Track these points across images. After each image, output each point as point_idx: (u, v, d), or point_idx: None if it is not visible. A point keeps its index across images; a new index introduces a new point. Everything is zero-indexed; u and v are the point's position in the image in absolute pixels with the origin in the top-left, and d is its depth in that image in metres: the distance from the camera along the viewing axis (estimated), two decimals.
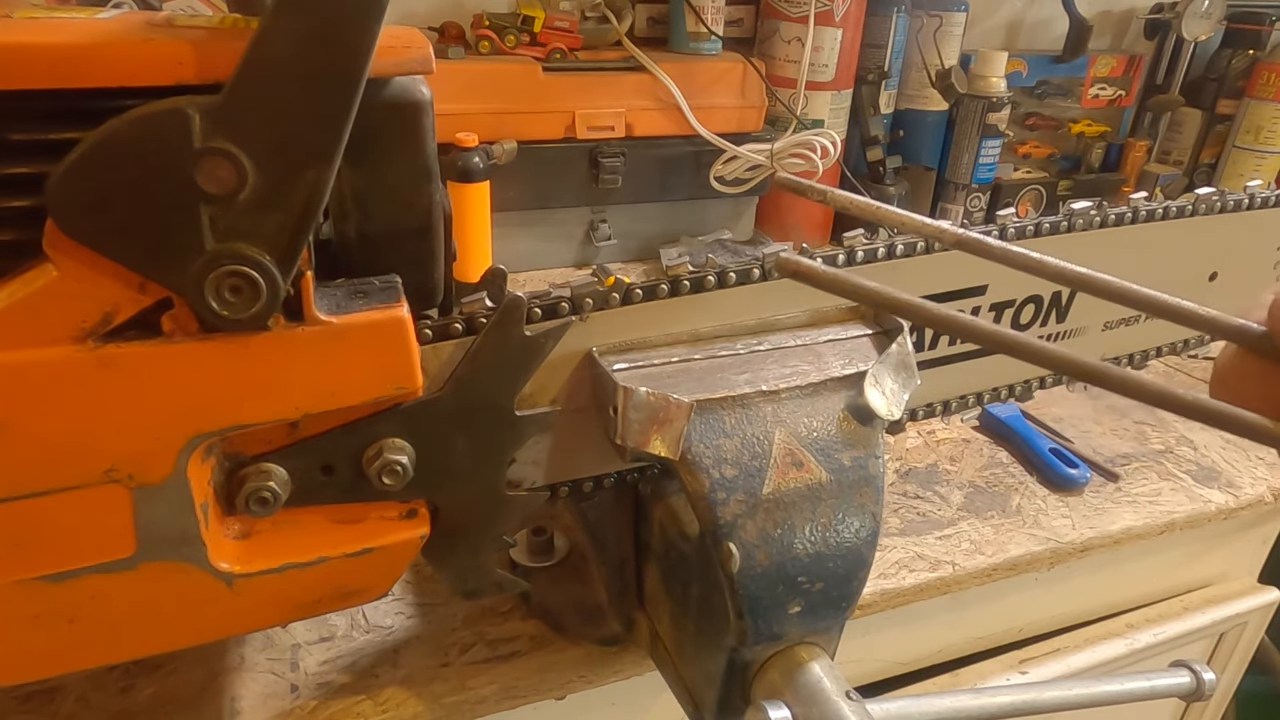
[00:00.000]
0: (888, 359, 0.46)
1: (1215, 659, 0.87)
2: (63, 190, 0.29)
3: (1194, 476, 0.74)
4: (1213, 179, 1.38)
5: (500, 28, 0.94)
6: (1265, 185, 0.62)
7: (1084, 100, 1.35)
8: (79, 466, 0.33)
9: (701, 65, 1.02)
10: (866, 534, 0.43)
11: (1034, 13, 1.36)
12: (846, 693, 0.41)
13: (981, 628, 0.72)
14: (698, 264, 0.46)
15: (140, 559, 0.36)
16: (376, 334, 0.36)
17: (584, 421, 0.46)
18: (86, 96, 0.30)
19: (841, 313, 0.50)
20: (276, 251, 0.32)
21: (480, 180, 0.81)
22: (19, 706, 0.47)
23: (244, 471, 0.38)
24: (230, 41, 0.31)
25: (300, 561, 0.39)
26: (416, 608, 0.55)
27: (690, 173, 1.04)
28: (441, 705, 0.49)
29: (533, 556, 0.58)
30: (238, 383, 0.34)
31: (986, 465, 0.73)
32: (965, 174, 1.17)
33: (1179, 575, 0.80)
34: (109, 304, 0.32)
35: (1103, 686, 0.52)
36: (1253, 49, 1.30)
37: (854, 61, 1.10)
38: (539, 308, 0.42)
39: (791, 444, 0.43)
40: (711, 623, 0.44)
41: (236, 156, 0.30)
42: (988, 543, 0.64)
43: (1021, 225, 0.54)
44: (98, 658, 0.39)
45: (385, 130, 0.37)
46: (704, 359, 0.45)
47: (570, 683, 0.53)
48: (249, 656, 0.51)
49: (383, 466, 0.39)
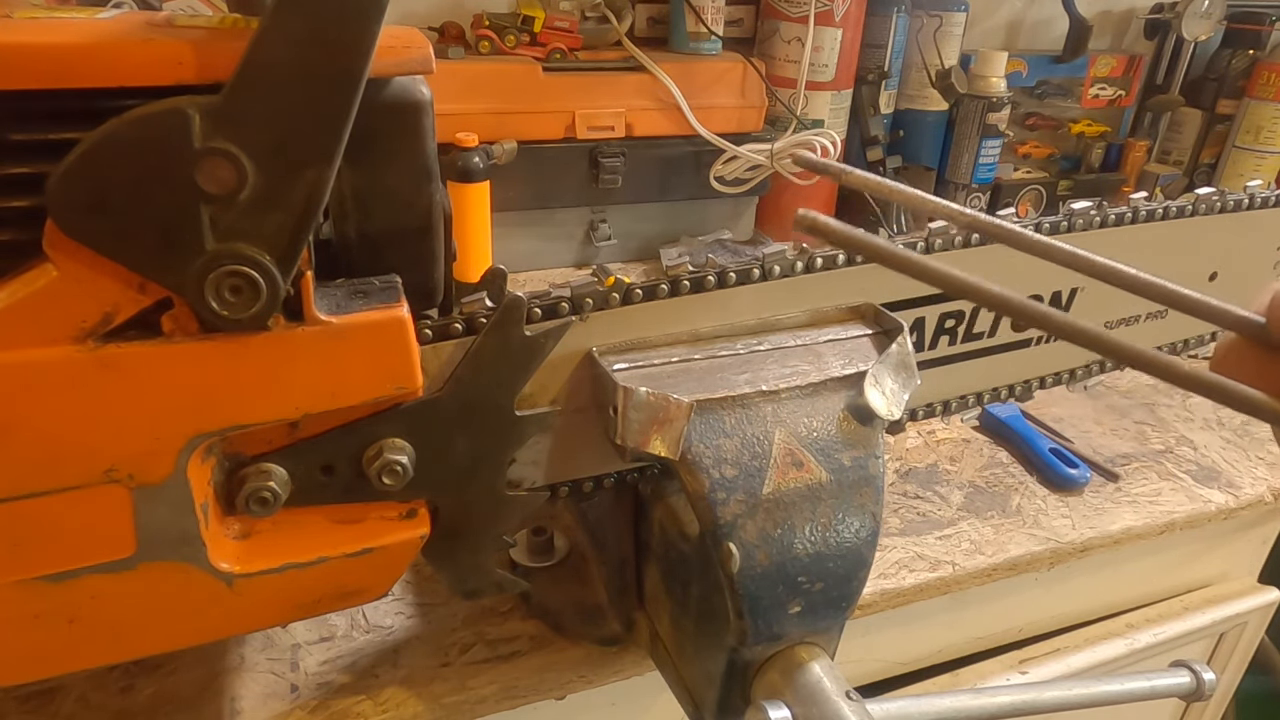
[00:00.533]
0: (888, 359, 0.46)
1: (1215, 659, 0.87)
2: (63, 190, 0.29)
3: (1194, 476, 0.74)
4: (1213, 179, 1.37)
5: (500, 28, 0.94)
6: (1265, 185, 0.62)
7: (1084, 100, 1.35)
8: (79, 466, 0.33)
9: (701, 65, 1.02)
10: (866, 534, 0.43)
11: (1034, 13, 1.36)
12: (846, 693, 0.41)
13: (981, 628, 0.72)
14: (698, 264, 0.46)
15: (140, 559, 0.36)
16: (376, 334, 0.36)
17: (584, 421, 0.46)
18: (86, 96, 0.30)
19: (841, 313, 0.50)
20: (276, 251, 0.32)
21: (480, 180, 0.81)
22: (19, 706, 0.47)
23: (244, 471, 0.38)
24: (230, 41, 0.31)
25: (300, 561, 0.39)
26: (416, 608, 0.55)
27: (690, 173, 1.04)
28: (441, 705, 0.49)
29: (533, 556, 0.58)
30: (238, 383, 0.34)
31: (986, 465, 0.73)
32: (965, 174, 1.17)
33: (1179, 575, 0.80)
34: (109, 304, 0.32)
35: (1103, 686, 0.52)
36: (1253, 49, 1.30)
37: (854, 61, 1.10)
38: (539, 308, 0.42)
39: (791, 444, 0.43)
40: (711, 623, 0.44)
41: (236, 156, 0.30)
42: (988, 543, 0.64)
43: (1021, 225, 0.54)
44: (98, 658, 0.39)
45: (385, 130, 0.37)
46: (704, 359, 0.45)
47: (570, 683, 0.53)
48: (249, 656, 0.51)
49: (383, 466, 0.39)
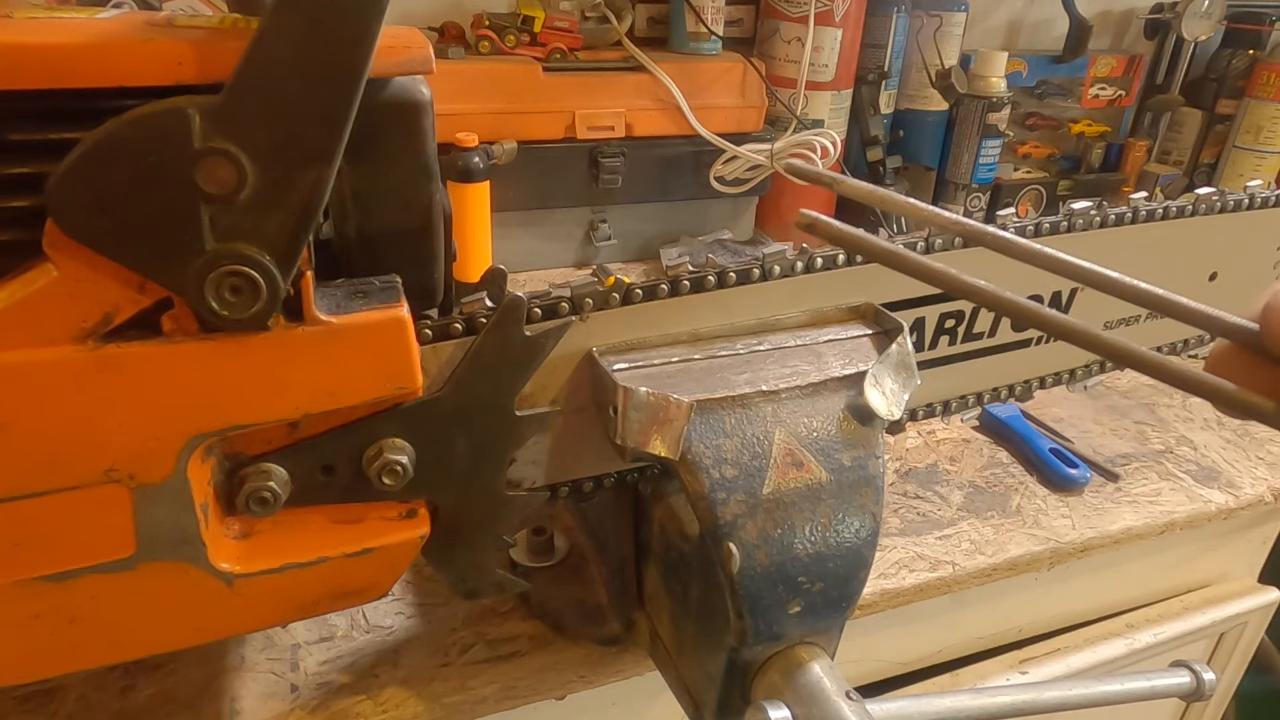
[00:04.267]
0: (888, 359, 0.46)
1: (1215, 659, 0.87)
2: (63, 190, 0.29)
3: (1194, 476, 0.74)
4: (1213, 179, 1.37)
5: (500, 28, 0.94)
6: (1265, 185, 0.62)
7: (1084, 100, 1.35)
8: (79, 466, 0.33)
9: (701, 65, 1.02)
10: (866, 534, 0.43)
11: (1034, 13, 1.36)
12: (846, 693, 0.41)
13: (981, 628, 0.72)
14: (698, 264, 0.46)
15: (140, 559, 0.36)
16: (376, 334, 0.36)
17: (584, 421, 0.46)
18: (86, 96, 0.30)
19: (841, 313, 0.50)
20: (276, 251, 0.32)
21: (480, 180, 0.81)
22: (19, 706, 0.47)
23: (244, 471, 0.38)
24: (230, 41, 0.31)
25: (300, 561, 0.39)
26: (416, 608, 0.55)
27: (690, 173, 1.04)
28: (441, 705, 0.49)
29: (533, 556, 0.58)
30: (238, 383, 0.34)
31: (986, 465, 0.73)
32: (965, 174, 1.17)
33: (1179, 575, 0.80)
34: (109, 304, 0.32)
35: (1103, 686, 0.52)
36: (1253, 49, 1.30)
37: (854, 61, 1.10)
38: (539, 308, 0.42)
39: (791, 444, 0.43)
40: (711, 623, 0.44)
41: (236, 156, 0.30)
42: (988, 543, 0.64)
43: (1021, 225, 0.54)
44: (98, 658, 0.39)
45: (385, 130, 0.37)
46: (704, 359, 0.45)
47: (570, 683, 0.53)
48: (249, 656, 0.51)
49: (383, 466, 0.39)
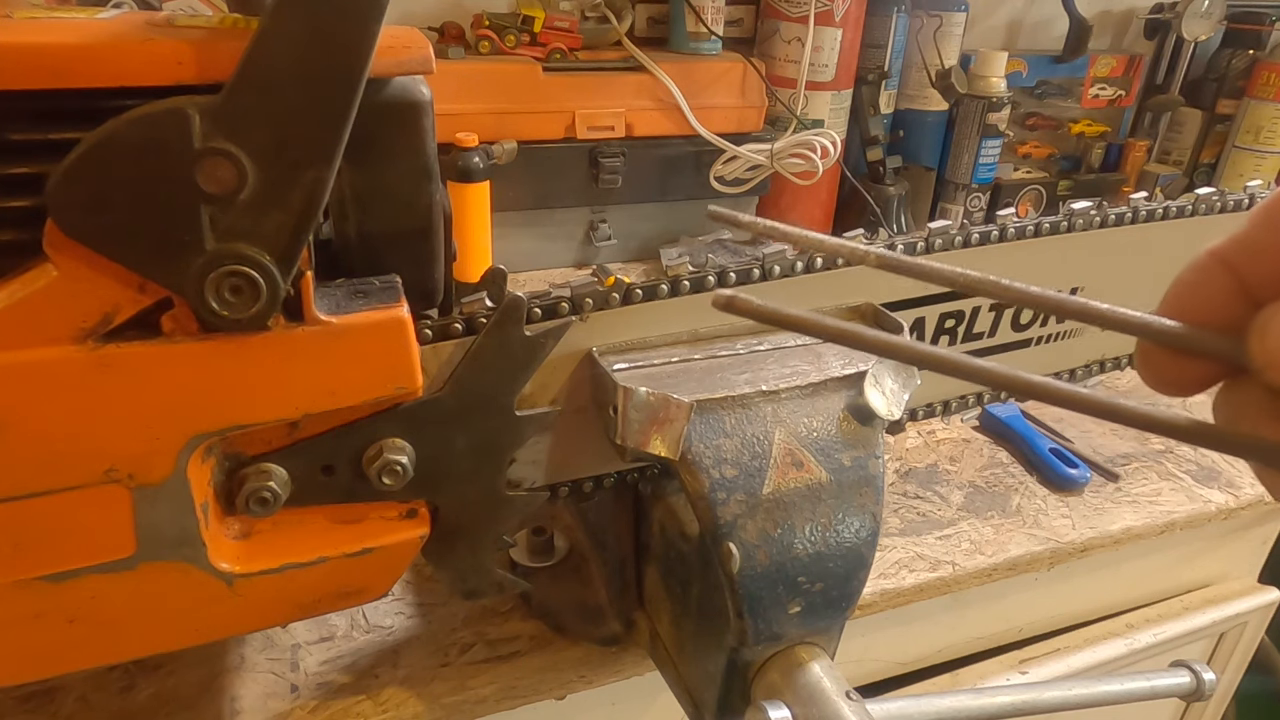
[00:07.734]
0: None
1: (1215, 659, 0.87)
2: (63, 190, 0.29)
3: (1194, 476, 0.74)
4: (1213, 179, 1.37)
5: (500, 28, 0.94)
6: (1265, 185, 0.62)
7: (1084, 100, 1.35)
8: (79, 466, 0.33)
9: (701, 65, 1.01)
10: (866, 534, 0.43)
11: (1034, 13, 1.36)
12: (846, 693, 0.41)
13: (981, 628, 0.72)
14: (698, 264, 0.46)
15: (140, 559, 0.36)
16: (376, 334, 0.36)
17: (584, 421, 0.46)
18: (86, 96, 0.30)
19: (841, 313, 0.50)
20: (276, 251, 0.32)
21: (480, 180, 0.81)
22: (19, 706, 0.47)
23: (244, 471, 0.38)
24: (230, 41, 0.31)
25: (300, 561, 0.39)
26: (416, 608, 0.55)
27: (690, 173, 1.04)
28: (441, 705, 0.49)
29: (533, 556, 0.58)
30: (238, 383, 0.34)
31: (986, 465, 0.73)
32: (965, 174, 1.17)
33: (1179, 575, 0.80)
34: (109, 304, 0.32)
35: (1103, 686, 0.52)
36: (1253, 49, 1.30)
37: (854, 61, 1.09)
38: (539, 308, 0.42)
39: (791, 444, 0.43)
40: (711, 623, 0.44)
41: (236, 156, 0.30)
42: (988, 543, 0.64)
43: (1021, 225, 0.54)
44: (98, 658, 0.39)
45: (385, 130, 0.37)
46: (704, 359, 0.45)
47: (570, 683, 0.53)
48: (249, 656, 0.51)
49: (383, 466, 0.39)
